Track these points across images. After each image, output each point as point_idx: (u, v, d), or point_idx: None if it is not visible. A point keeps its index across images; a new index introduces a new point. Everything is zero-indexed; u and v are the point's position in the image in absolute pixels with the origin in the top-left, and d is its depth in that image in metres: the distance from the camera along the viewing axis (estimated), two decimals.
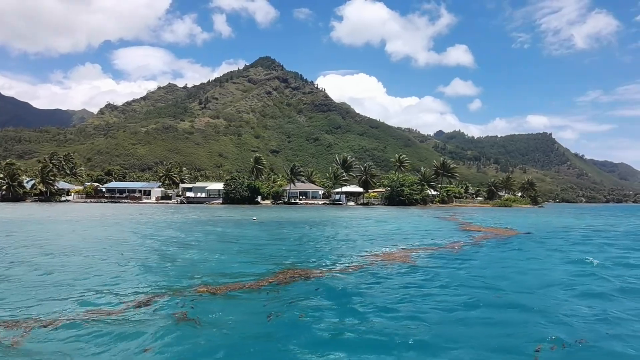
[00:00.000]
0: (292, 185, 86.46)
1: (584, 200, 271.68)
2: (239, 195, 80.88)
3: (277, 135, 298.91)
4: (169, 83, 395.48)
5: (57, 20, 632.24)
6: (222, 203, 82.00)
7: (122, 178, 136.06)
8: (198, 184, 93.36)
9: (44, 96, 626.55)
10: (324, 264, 13.29)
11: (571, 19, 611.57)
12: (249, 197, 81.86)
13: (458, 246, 18.18)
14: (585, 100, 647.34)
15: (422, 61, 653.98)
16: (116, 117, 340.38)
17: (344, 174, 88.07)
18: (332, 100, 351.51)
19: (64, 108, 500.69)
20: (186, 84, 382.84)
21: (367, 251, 16.35)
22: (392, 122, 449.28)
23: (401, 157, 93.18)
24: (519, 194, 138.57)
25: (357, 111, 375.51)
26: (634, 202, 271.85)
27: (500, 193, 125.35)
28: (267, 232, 25.01)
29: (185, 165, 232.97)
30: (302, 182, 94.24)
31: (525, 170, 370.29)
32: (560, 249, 17.82)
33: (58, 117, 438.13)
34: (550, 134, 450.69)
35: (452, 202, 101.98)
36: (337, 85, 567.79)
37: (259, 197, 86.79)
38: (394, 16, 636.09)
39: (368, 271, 12.07)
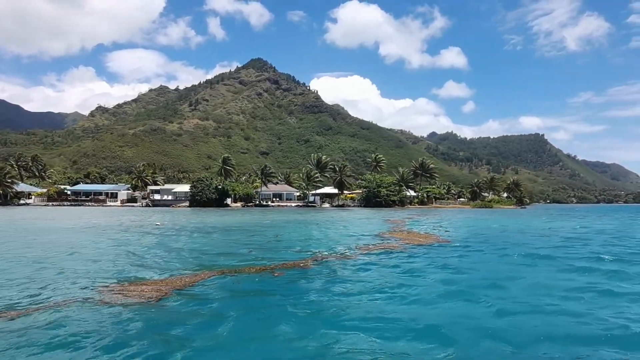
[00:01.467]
0: (264, 186, 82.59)
1: (575, 200, 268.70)
2: (205, 198, 76.98)
3: (267, 137, 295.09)
4: (161, 85, 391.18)
5: (50, 23, 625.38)
6: (190, 206, 78.16)
7: (102, 180, 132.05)
8: (166, 186, 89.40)
9: (37, 99, 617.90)
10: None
11: (563, 21, 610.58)
12: (217, 200, 77.96)
13: (304, 264, 13.66)
14: (577, 102, 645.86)
15: (416, 63, 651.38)
16: (107, 120, 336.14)
17: (318, 174, 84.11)
18: (323, 101, 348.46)
19: (57, 111, 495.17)
20: (177, 86, 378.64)
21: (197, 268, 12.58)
22: (386, 123, 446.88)
23: (377, 157, 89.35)
24: (505, 194, 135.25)
25: (351, 113, 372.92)
26: (624, 202, 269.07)
27: (484, 194, 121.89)
28: (157, 241, 21.22)
29: (173, 167, 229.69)
30: (275, 183, 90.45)
31: (517, 171, 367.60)
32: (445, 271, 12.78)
33: (50, 120, 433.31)
34: (543, 135, 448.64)
35: (432, 203, 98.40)
36: (332, 87, 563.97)
37: (229, 200, 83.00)
38: (388, 19, 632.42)
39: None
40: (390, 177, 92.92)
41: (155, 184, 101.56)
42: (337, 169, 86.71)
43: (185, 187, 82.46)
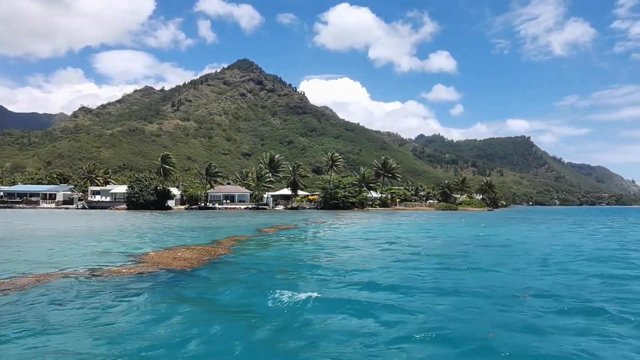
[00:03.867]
0: (211, 188, 75.92)
1: (557, 203, 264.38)
2: (142, 200, 70.20)
3: (250, 138, 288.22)
4: (146, 86, 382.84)
5: (38, 24, 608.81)
6: (128, 208, 71.34)
7: (64, 182, 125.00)
8: (107, 187, 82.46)
9: (23, 100, 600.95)
10: None
11: (549, 26, 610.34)
12: (156, 202, 71.16)
13: None
14: (563, 105, 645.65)
15: (405, 67, 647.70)
16: (90, 120, 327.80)
17: (269, 174, 77.54)
18: (307, 102, 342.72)
19: (45, 112, 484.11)
20: (163, 87, 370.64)
21: None
22: (376, 126, 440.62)
23: (333, 156, 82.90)
24: (479, 196, 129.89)
25: (341, 115, 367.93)
26: (607, 204, 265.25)
27: (455, 195, 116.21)
28: None
29: (151, 168, 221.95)
30: (227, 184, 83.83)
31: (502, 173, 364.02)
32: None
33: (35, 121, 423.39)
34: (529, 138, 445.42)
35: (396, 205, 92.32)
36: (321, 90, 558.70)
37: (173, 201, 76.33)
38: (378, 23, 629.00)
39: None
40: (350, 178, 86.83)
41: (107, 183, 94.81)
42: (291, 168, 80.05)
43: (123, 188, 75.61)
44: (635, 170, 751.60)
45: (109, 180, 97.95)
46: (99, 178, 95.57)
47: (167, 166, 75.91)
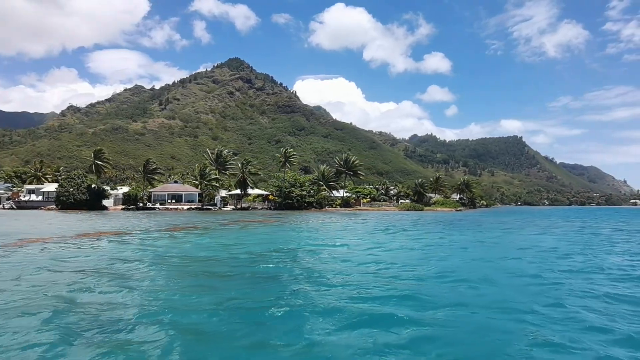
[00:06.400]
0: (150, 186, 69.01)
1: (547, 203, 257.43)
2: (72, 199, 63.40)
3: (237, 137, 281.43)
4: (136, 85, 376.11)
5: (31, 23, 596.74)
6: (61, 208, 64.56)
7: (20, 180, 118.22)
8: (39, 186, 75.60)
9: (17, 99, 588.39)
10: None
11: (542, 28, 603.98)
12: (89, 201, 64.33)
13: None
14: (556, 106, 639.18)
15: (400, 68, 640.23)
16: (78, 119, 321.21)
17: (215, 171, 70.53)
18: (296, 101, 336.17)
19: (39, 111, 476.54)
20: (153, 86, 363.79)
21: None
22: (371, 126, 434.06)
23: (287, 151, 75.83)
24: (457, 195, 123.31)
25: (336, 116, 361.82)
26: (597, 204, 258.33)
27: (430, 195, 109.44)
28: None
29: (133, 168, 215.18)
30: (175, 181, 76.97)
31: (493, 173, 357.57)
32: None
33: (26, 120, 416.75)
34: (521, 138, 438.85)
35: (360, 204, 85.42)
36: (316, 89, 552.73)
37: (112, 201, 69.58)
38: (374, 24, 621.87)
39: None
40: (308, 176, 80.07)
41: (56, 182, 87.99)
42: (240, 165, 72.94)
43: (53, 187, 68.78)
44: (627, 170, 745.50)
45: (58, 178, 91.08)
46: (47, 176, 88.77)
47: (99, 162, 68.80)
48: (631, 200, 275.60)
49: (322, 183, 78.31)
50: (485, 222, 43.67)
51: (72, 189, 64.13)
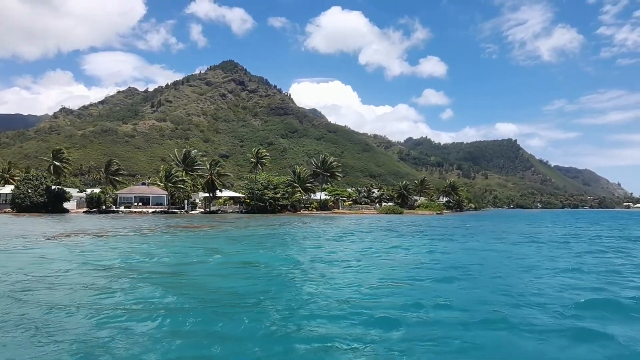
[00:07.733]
0: (113, 187, 65.58)
1: (540, 206, 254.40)
2: (29, 201, 59.99)
3: (229, 139, 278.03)
4: (129, 87, 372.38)
5: (26, 25, 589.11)
6: (18, 211, 61.13)
7: (4, 182, 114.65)
8: None
9: (12, 101, 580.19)
10: None
11: (536, 31, 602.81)
12: (47, 204, 60.93)
13: None
14: (551, 109, 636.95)
15: (396, 71, 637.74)
16: (70, 122, 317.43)
17: (182, 172, 67.12)
18: (290, 104, 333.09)
19: (33, 113, 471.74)
20: (147, 88, 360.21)
21: None
22: (367, 129, 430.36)
23: (259, 152, 72.47)
24: (444, 198, 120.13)
25: (332, 119, 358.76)
26: (590, 207, 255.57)
27: (414, 197, 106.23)
28: None
29: (128, 169, 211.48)
30: (142, 184, 73.58)
31: (487, 176, 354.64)
32: None
33: (19, 122, 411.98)
34: (515, 141, 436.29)
35: (339, 207, 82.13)
36: (312, 92, 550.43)
37: (74, 203, 66.14)
38: (370, 28, 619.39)
39: None
40: (282, 177, 76.81)
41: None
42: (208, 166, 69.55)
43: (9, 189, 65.35)
44: (621, 173, 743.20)
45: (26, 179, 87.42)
46: (15, 178, 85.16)
47: (58, 163, 65.44)
48: (624, 203, 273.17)
49: (297, 185, 75.00)
50: (447, 227, 40.36)
51: (29, 191, 60.78)
